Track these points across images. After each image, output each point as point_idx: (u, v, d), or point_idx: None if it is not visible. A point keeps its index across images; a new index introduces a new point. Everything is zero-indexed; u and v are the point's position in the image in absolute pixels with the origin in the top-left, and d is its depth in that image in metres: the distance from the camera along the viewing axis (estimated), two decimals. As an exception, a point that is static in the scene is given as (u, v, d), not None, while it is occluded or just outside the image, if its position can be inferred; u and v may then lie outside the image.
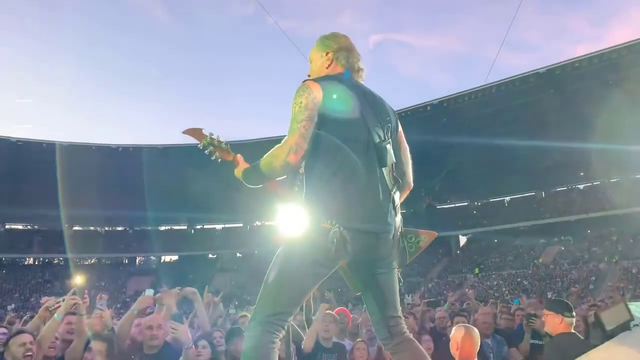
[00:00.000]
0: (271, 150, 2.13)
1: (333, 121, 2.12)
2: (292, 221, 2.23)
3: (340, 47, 2.40)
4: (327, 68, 2.41)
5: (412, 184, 2.44)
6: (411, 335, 2.27)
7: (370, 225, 2.08)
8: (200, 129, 2.44)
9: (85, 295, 3.79)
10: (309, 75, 2.46)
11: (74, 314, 3.74)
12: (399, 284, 2.31)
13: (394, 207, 2.22)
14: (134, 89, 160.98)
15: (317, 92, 2.12)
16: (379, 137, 2.20)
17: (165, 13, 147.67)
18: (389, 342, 2.25)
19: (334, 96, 2.14)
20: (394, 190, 2.22)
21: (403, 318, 2.30)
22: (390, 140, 2.26)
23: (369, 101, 2.27)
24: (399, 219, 2.27)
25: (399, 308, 2.28)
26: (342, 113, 2.13)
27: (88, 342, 3.53)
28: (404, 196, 2.42)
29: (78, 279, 43.95)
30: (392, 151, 2.23)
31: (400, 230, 2.29)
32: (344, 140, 2.10)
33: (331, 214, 2.01)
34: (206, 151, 2.42)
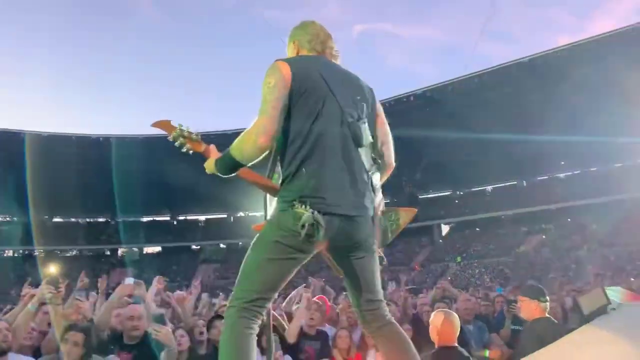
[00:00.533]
0: (241, 134, 2.10)
1: (303, 100, 2.07)
2: (270, 208, 2.21)
3: (305, 34, 2.39)
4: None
5: (393, 164, 2.38)
6: (393, 320, 2.24)
7: (346, 208, 2.04)
8: (169, 121, 2.41)
9: (61, 285, 3.69)
10: None
11: (45, 303, 3.67)
12: (382, 263, 2.28)
13: (373, 188, 2.19)
14: (116, 79, 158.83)
15: (285, 71, 2.07)
16: (353, 116, 2.15)
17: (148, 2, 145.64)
18: (370, 325, 2.22)
19: (304, 75, 2.09)
20: (372, 171, 2.19)
21: (384, 302, 2.26)
22: (365, 119, 2.20)
23: (342, 80, 2.22)
24: (379, 199, 2.23)
25: (380, 291, 2.24)
26: (312, 92, 2.08)
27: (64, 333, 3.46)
28: (385, 176, 2.37)
29: (53, 270, 43.42)
30: (367, 130, 2.18)
31: (381, 210, 2.26)
32: (315, 120, 2.06)
33: (305, 198, 1.98)
34: (176, 143, 2.37)
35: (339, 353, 4.64)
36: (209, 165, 2.28)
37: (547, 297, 4.02)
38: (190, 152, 2.39)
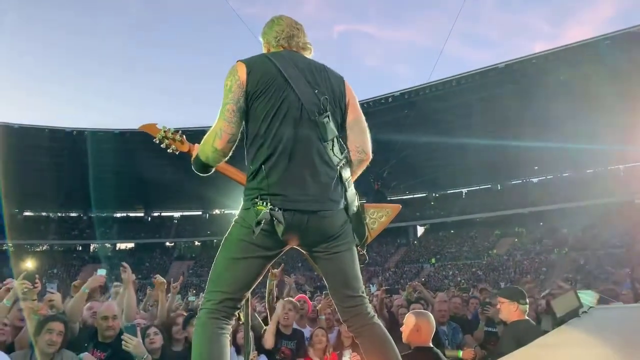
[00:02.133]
0: (204, 137, 2.15)
1: (261, 99, 2.07)
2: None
3: (272, 31, 2.39)
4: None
5: (369, 153, 2.31)
6: (376, 318, 2.19)
7: (308, 204, 2.02)
8: (154, 124, 2.55)
9: (37, 280, 3.64)
10: None
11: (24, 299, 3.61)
12: (365, 261, 2.26)
13: (342, 182, 2.16)
14: (93, 71, 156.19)
15: (241, 72, 2.08)
16: (315, 110, 2.12)
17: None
18: (352, 324, 2.17)
19: (261, 73, 2.09)
20: (340, 165, 2.16)
21: (366, 298, 2.21)
22: (329, 112, 2.15)
23: (305, 72, 2.19)
24: (351, 193, 2.20)
25: (360, 287, 2.19)
26: (270, 90, 2.08)
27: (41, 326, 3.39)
28: (362, 167, 2.32)
29: (29, 265, 42.55)
30: (332, 124, 2.15)
31: (356, 205, 2.23)
32: (274, 117, 2.06)
33: (266, 195, 1.99)
34: (162, 145, 2.52)
35: (315, 353, 4.64)
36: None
37: (527, 300, 4.06)
38: (176, 152, 2.56)
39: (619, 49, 31.99)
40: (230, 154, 2.16)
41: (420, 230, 54.32)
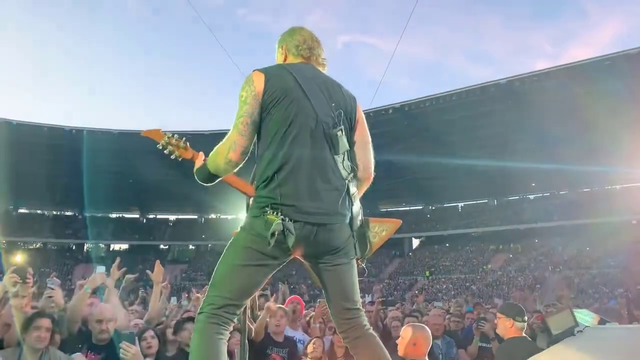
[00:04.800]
0: (215, 147, 2.15)
1: (277, 109, 2.08)
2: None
3: (293, 39, 2.39)
4: (284, 61, 2.40)
5: (372, 173, 2.37)
6: (372, 330, 2.23)
7: (319, 216, 2.04)
8: (159, 130, 2.56)
9: (29, 275, 3.55)
10: None
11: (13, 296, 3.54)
12: (364, 274, 2.29)
13: (349, 196, 2.18)
14: (94, 71, 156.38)
15: (258, 83, 2.09)
16: (329, 123, 2.15)
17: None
18: (347, 335, 2.21)
19: (278, 84, 2.10)
20: (348, 179, 2.18)
21: (363, 311, 2.24)
22: (342, 126, 2.18)
23: (321, 86, 2.21)
24: (356, 207, 2.22)
25: (358, 300, 2.23)
26: (286, 100, 2.08)
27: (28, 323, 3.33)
28: (365, 186, 2.36)
29: (18, 259, 42.21)
30: (345, 138, 2.17)
31: (360, 219, 2.25)
32: (289, 128, 2.07)
33: (277, 205, 1.99)
34: (165, 151, 2.53)
35: (310, 362, 4.59)
36: (195, 172, 2.33)
37: (525, 317, 4.04)
38: (180, 159, 2.55)
39: (618, 70, 32.16)
40: (242, 165, 2.17)
41: (415, 242, 54.22)
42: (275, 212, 1.97)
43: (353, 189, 2.21)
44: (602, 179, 41.74)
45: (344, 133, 2.17)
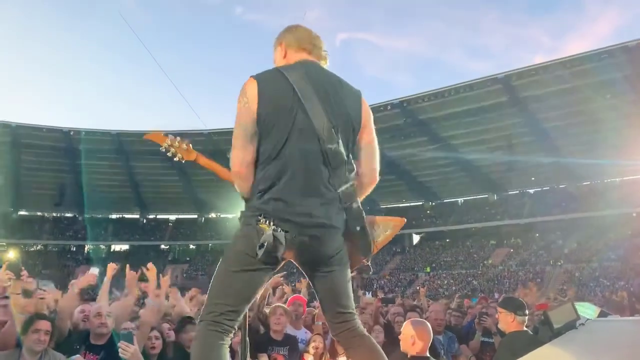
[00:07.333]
0: (230, 168, 2.16)
1: (272, 121, 2.04)
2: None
3: (293, 34, 2.34)
4: (284, 58, 2.34)
5: (377, 177, 2.33)
6: (366, 332, 2.22)
7: (310, 229, 2.03)
8: (160, 132, 2.60)
9: (23, 272, 3.52)
10: None
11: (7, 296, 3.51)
12: (369, 272, 2.30)
13: (343, 207, 2.14)
14: (94, 73, 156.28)
15: (251, 91, 2.05)
16: (326, 134, 2.08)
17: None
18: (341, 338, 2.22)
19: (272, 93, 2.06)
20: (344, 188, 2.14)
21: (356, 314, 2.24)
22: (340, 134, 2.12)
23: (321, 93, 2.13)
24: (356, 209, 2.19)
25: (351, 305, 2.22)
26: (280, 112, 2.05)
27: (27, 325, 3.31)
28: (369, 189, 2.33)
29: (10, 255, 42.16)
30: (341, 147, 2.12)
31: (361, 221, 2.20)
32: (283, 139, 2.04)
33: (269, 215, 1.98)
34: (168, 153, 2.56)
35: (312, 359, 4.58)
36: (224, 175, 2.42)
37: (526, 311, 4.03)
38: (182, 160, 2.61)
39: (616, 63, 32.13)
40: (254, 171, 2.13)
41: (415, 238, 54.24)
42: (267, 222, 1.97)
43: (351, 197, 2.17)
44: (601, 172, 41.70)
45: (341, 143, 2.13)
